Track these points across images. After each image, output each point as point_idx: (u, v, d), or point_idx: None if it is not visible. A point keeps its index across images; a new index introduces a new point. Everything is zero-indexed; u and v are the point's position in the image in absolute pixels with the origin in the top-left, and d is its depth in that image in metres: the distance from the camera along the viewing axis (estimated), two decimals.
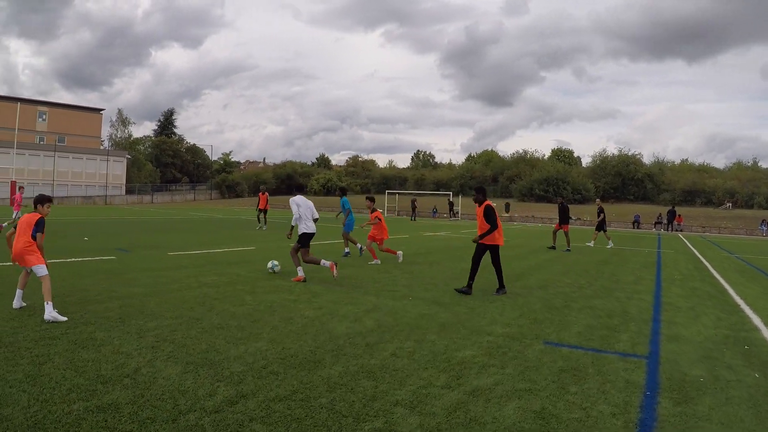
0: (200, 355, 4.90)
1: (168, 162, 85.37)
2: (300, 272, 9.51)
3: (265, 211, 23.88)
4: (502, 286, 8.88)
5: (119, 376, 4.28)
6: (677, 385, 4.67)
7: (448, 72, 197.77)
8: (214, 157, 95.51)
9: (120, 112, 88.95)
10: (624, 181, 64.97)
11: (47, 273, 6.39)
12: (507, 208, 51.96)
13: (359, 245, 13.86)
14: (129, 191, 70.12)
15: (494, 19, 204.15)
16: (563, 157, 77.82)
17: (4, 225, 18.52)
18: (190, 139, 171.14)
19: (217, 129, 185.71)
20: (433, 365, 4.89)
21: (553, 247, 18.16)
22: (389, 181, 78.65)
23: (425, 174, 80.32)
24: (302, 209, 9.65)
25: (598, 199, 23.95)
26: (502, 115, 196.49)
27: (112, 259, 11.54)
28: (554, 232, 18.95)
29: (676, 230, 40.86)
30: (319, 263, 9.69)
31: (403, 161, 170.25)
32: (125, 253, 12.70)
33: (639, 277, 12.04)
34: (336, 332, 5.92)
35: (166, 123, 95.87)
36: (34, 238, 6.42)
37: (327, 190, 75.20)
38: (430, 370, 4.76)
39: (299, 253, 9.76)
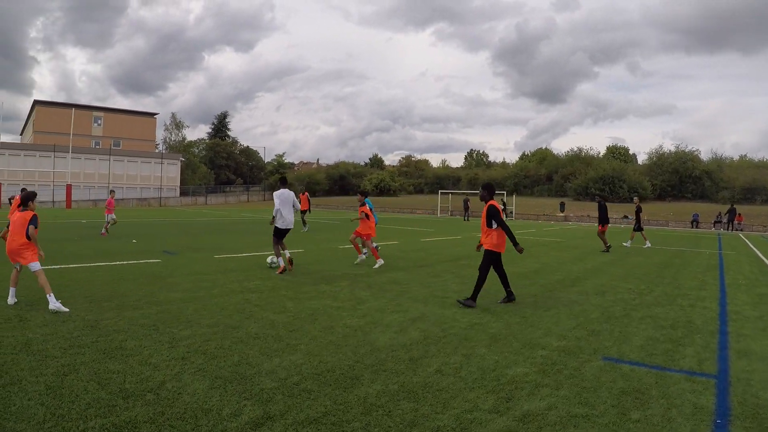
0: (231, 369, 4.61)
1: (222, 164, 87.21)
2: (281, 262, 10.40)
3: (304, 212, 23.55)
4: (473, 298, 7.65)
5: (143, 390, 4.05)
6: (751, 412, 4.04)
7: (500, 70, 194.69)
8: (268, 159, 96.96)
9: (174, 116, 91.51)
10: (681, 178, 61.85)
11: (41, 268, 6.78)
12: (562, 207, 50.45)
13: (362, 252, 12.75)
14: (183, 193, 71.86)
15: (545, 15, 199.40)
16: (618, 154, 75.10)
17: (108, 225, 18.80)
18: (245, 140, 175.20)
19: (271, 130, 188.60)
20: (480, 384, 4.40)
21: (608, 248, 17.26)
22: (442, 180, 77.79)
23: (478, 173, 78.72)
24: (283, 202, 10.53)
25: (636, 197, 22.50)
26: (556, 113, 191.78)
27: (158, 262, 11.52)
28: (599, 234, 18.11)
29: (736, 229, 38.71)
30: (278, 256, 10.51)
31: (456, 161, 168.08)
32: (171, 256, 12.70)
33: (702, 281, 11.15)
34: (378, 344, 5.52)
35: (220, 126, 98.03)
36: (28, 237, 6.77)
37: (380, 190, 74.91)
38: (477, 390, 4.27)
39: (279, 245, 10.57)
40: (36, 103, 71.58)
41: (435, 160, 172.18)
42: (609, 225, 17.88)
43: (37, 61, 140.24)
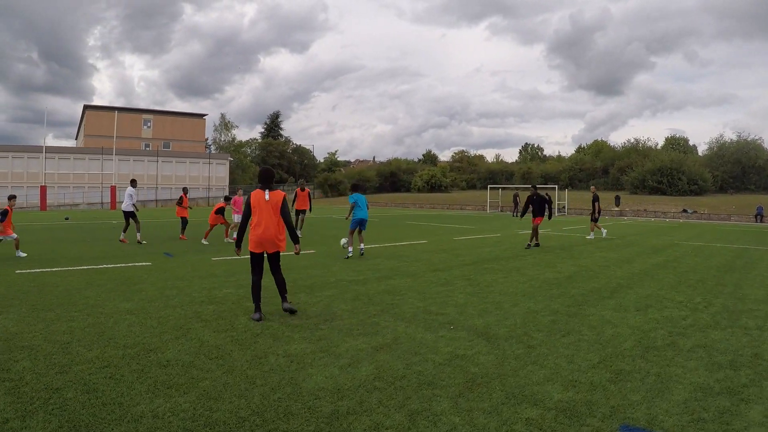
0: (94, 410, 3.50)
1: (274, 163, 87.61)
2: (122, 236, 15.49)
3: (303, 211, 18.35)
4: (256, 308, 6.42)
5: None
6: None
7: (556, 62, 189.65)
8: (321, 158, 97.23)
9: (223, 116, 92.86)
10: (744, 169, 57.20)
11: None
12: (617, 201, 47.44)
13: (350, 246, 12.51)
14: (232, 192, 72.19)
15: (599, 5, 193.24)
16: (677, 145, 70.92)
17: (232, 237, 16.69)
18: (303, 140, 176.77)
19: (328, 130, 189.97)
20: None
21: (536, 244, 15.86)
22: (495, 175, 75.26)
23: (532, 167, 75.84)
24: (130, 196, 15.20)
25: (593, 187, 20.64)
26: (614, 105, 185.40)
27: (146, 265, 10.56)
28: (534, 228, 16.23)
29: None
30: (123, 231, 15.69)
31: (513, 156, 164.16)
32: (167, 258, 11.76)
33: None
34: (305, 386, 4.07)
35: (272, 125, 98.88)
36: None
37: (431, 186, 73.20)
38: None
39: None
40: (86, 107, 73.44)
41: (491, 156, 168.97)
42: (541, 219, 16.13)
43: (96, 69, 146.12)
